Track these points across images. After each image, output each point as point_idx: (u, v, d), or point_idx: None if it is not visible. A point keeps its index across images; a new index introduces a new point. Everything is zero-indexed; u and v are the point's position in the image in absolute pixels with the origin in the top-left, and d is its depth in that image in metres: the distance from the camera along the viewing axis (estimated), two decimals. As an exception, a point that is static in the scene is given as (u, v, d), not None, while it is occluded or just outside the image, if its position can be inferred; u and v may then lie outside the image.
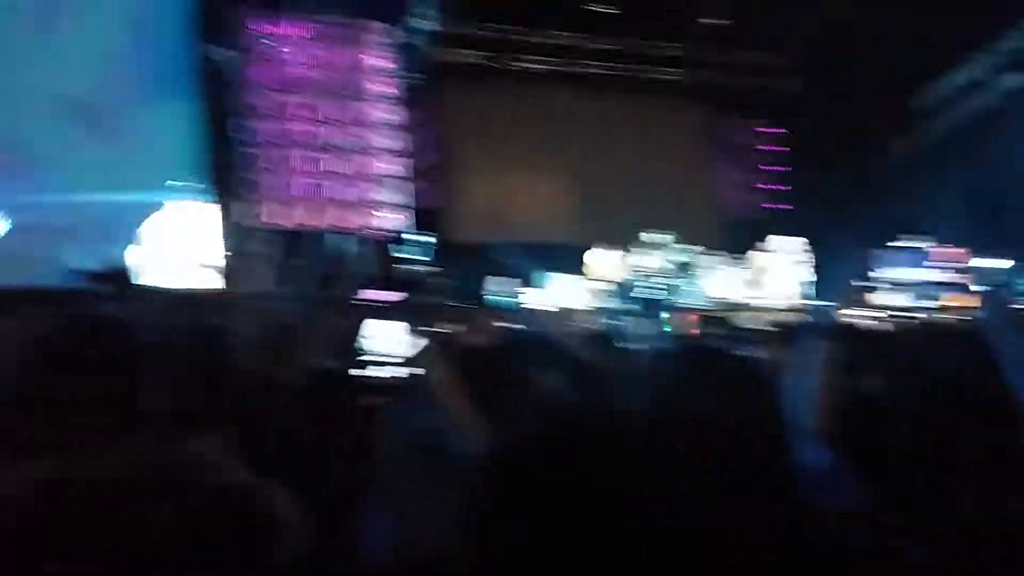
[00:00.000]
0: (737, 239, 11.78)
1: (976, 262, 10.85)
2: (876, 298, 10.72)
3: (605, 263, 10.78)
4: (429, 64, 11.89)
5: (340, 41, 11.19)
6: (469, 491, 1.09)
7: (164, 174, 9.87)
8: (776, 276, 11.17)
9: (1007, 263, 10.70)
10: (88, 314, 1.69)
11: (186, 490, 1.44)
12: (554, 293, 10.62)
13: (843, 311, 10.09)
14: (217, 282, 9.80)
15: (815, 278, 11.17)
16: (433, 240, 11.41)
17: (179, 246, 9.72)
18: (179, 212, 9.86)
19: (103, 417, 1.47)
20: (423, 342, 1.76)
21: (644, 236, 10.82)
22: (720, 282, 10.96)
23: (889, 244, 11.02)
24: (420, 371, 1.74)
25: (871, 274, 10.94)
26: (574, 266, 10.77)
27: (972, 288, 10.68)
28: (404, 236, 11.21)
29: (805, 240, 11.27)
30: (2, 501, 1.39)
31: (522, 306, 10.29)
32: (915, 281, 10.85)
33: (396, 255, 11.17)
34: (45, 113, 9.39)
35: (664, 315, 10.08)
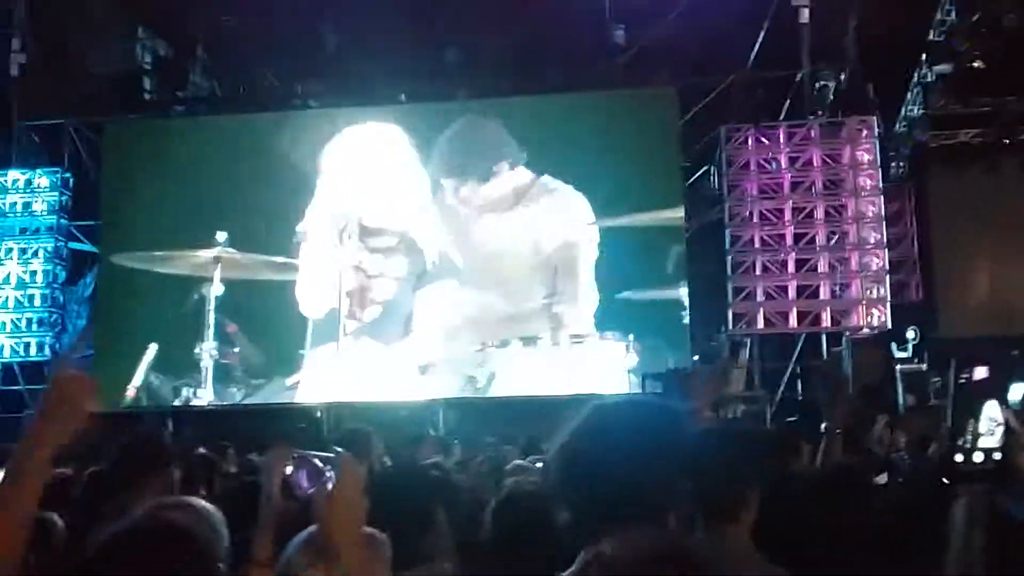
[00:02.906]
0: None
1: None
2: None
3: None
4: (916, 150, 11.52)
5: (821, 140, 11.34)
6: None
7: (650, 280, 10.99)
8: None
9: None
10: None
11: None
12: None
13: None
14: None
15: None
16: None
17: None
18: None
19: None
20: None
21: None
22: None
23: None
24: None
25: None
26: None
27: None
28: (905, 333, 10.84)
29: None
30: None
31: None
32: None
33: (892, 353, 10.83)
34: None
35: None
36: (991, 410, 1.81)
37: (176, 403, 11.10)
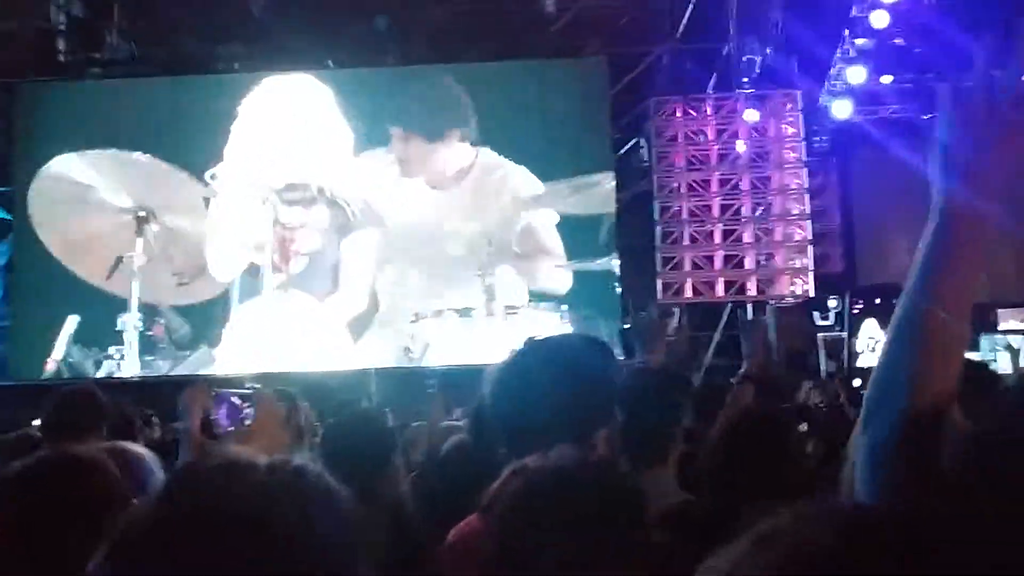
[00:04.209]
0: None
1: None
2: None
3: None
4: (839, 124, 11.80)
5: (746, 113, 11.52)
6: None
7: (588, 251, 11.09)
8: None
9: None
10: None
11: None
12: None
13: None
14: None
15: None
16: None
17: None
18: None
19: None
20: None
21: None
22: None
23: None
24: None
25: None
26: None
27: None
28: (826, 301, 11.14)
29: None
30: None
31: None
32: None
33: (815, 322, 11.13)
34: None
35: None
36: (870, 328, 1.86)
37: (98, 376, 10.77)
